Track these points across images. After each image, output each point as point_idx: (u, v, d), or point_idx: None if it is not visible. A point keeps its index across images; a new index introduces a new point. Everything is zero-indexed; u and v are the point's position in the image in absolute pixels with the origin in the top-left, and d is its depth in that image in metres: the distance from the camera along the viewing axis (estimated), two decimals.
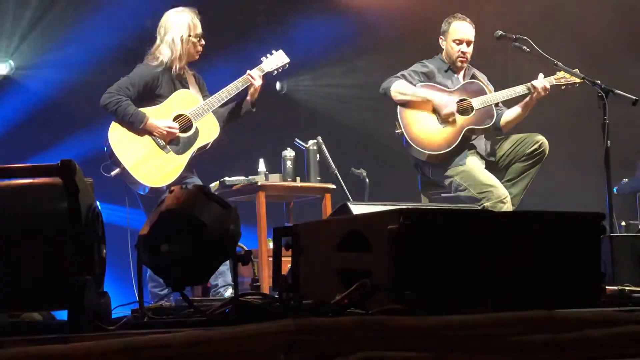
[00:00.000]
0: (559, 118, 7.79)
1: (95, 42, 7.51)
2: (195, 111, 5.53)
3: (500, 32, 5.93)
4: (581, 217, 3.14)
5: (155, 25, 5.69)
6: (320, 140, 6.23)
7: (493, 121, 5.85)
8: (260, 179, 5.97)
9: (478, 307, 2.73)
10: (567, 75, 5.81)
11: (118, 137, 5.41)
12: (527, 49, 5.81)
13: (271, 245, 3.43)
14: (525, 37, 5.85)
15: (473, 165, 5.71)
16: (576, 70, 5.80)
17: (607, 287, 3.28)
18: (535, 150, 5.78)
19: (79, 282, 2.68)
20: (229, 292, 5.15)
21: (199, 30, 5.60)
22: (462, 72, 5.97)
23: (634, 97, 5.42)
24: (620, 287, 3.55)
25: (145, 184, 5.38)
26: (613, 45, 7.78)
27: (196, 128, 5.52)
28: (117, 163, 5.39)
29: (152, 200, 5.23)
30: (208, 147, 5.59)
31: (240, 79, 5.71)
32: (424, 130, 5.76)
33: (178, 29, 5.54)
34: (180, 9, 5.65)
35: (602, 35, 7.64)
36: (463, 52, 5.86)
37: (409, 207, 2.96)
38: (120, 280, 5.48)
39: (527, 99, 5.82)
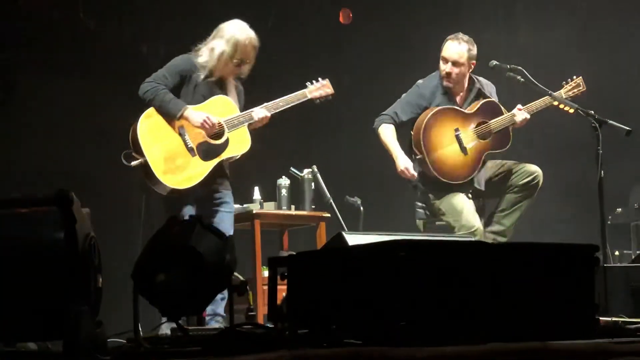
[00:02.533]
0: (553, 147, 7.83)
1: None
2: (231, 120, 5.35)
3: (494, 62, 5.91)
4: (575, 248, 3.15)
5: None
6: (316, 169, 6.25)
7: (510, 143, 5.81)
8: (255, 207, 5.98)
9: (472, 338, 2.75)
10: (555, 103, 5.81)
11: (148, 126, 5.20)
12: (522, 79, 5.81)
13: (266, 273, 3.44)
14: (519, 67, 5.86)
15: (456, 193, 5.71)
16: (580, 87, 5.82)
17: (600, 318, 3.29)
18: (530, 182, 5.75)
19: (75, 312, 2.69)
20: (215, 323, 5.03)
21: (244, 56, 5.38)
22: (461, 90, 5.87)
23: (627, 128, 5.44)
24: (614, 319, 3.56)
25: (163, 182, 5.15)
26: (610, 74, 7.82)
27: (227, 138, 5.34)
28: (140, 154, 5.15)
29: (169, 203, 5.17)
30: (234, 159, 5.42)
31: (291, 96, 5.62)
32: (448, 158, 5.67)
33: (222, 42, 5.36)
34: (244, 26, 5.46)
35: (598, 64, 7.69)
36: (447, 73, 5.79)
37: (404, 238, 2.97)
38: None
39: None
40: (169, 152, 5.20)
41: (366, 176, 7.38)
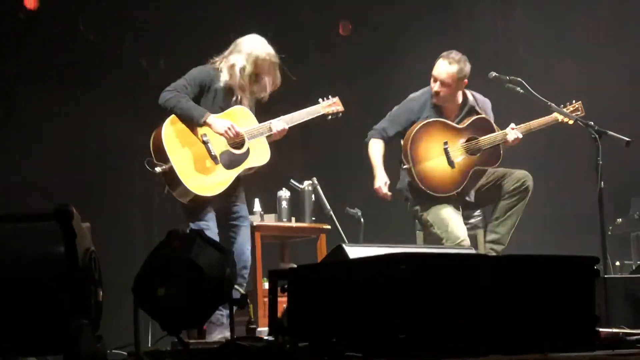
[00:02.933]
0: (552, 158, 7.83)
1: None
2: (251, 131, 5.33)
3: (494, 74, 5.91)
4: (575, 260, 3.16)
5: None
6: (316, 182, 6.25)
7: (499, 161, 5.81)
8: (255, 219, 5.98)
9: (473, 350, 2.75)
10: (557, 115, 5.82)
11: (171, 133, 5.16)
12: (521, 90, 5.81)
13: (266, 285, 3.44)
14: (519, 79, 5.86)
15: (443, 205, 5.71)
16: (578, 106, 5.83)
17: (601, 329, 3.29)
18: (519, 187, 5.75)
19: (75, 326, 2.69)
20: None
21: (261, 70, 5.36)
22: (452, 106, 5.83)
23: (627, 138, 5.45)
24: (614, 330, 3.56)
25: (188, 188, 5.09)
26: (610, 85, 7.83)
27: (248, 148, 5.31)
28: (164, 159, 5.09)
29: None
30: (254, 170, 5.39)
31: (306, 110, 5.62)
32: (434, 170, 5.68)
33: (241, 57, 5.33)
34: (262, 40, 5.44)
35: (599, 73, 7.70)
36: (436, 92, 5.76)
37: (405, 251, 2.98)
38: None
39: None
40: (193, 159, 5.17)
41: (366, 187, 7.37)
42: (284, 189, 6.16)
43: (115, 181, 5.37)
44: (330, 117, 5.80)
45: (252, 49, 5.37)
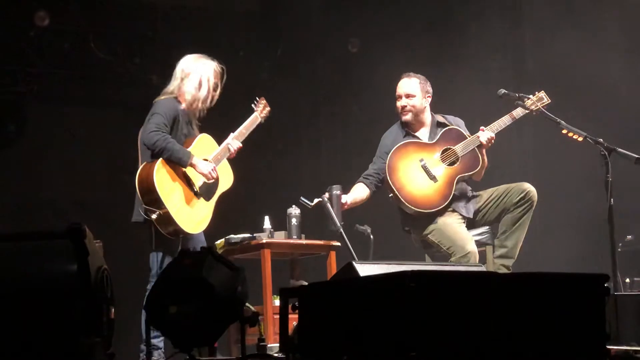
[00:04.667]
0: (563, 175, 7.83)
1: None
2: (216, 157, 5.45)
3: (503, 91, 5.92)
4: (585, 278, 3.16)
5: None
6: (326, 199, 6.26)
7: (480, 164, 5.83)
8: (265, 237, 6.00)
9: None
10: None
11: (162, 178, 5.23)
12: (528, 110, 5.82)
13: (277, 302, 3.45)
14: (528, 96, 5.87)
15: (444, 221, 5.71)
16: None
17: (611, 347, 3.29)
18: (522, 198, 5.74)
19: (87, 344, 2.71)
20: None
21: (216, 81, 5.49)
22: (424, 128, 5.91)
23: (636, 155, 5.45)
24: (625, 347, 3.56)
25: (185, 230, 5.22)
26: (619, 102, 7.84)
27: (217, 174, 5.43)
28: (158, 206, 5.16)
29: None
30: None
31: (249, 122, 5.67)
32: (418, 189, 5.74)
33: (197, 73, 5.45)
34: (204, 55, 5.56)
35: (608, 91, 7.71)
36: (402, 106, 5.86)
37: (414, 269, 2.99)
38: None
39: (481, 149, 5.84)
40: (184, 200, 5.30)
41: (376, 205, 7.39)
42: (293, 205, 6.17)
43: (127, 199, 5.39)
44: (263, 120, 5.83)
45: (202, 62, 5.50)
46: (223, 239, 5.95)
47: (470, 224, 5.85)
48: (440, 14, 8.26)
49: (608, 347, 3.16)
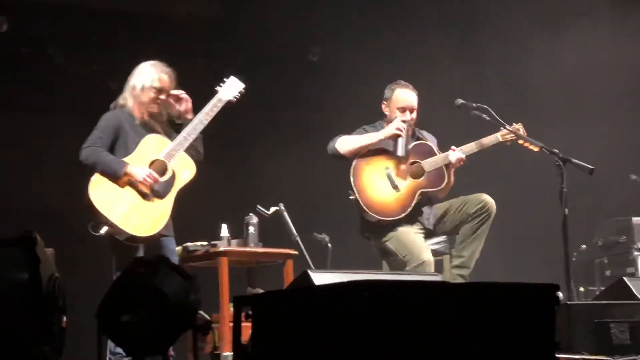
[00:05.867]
0: (517, 185, 7.90)
1: None
2: (168, 153, 5.41)
3: (460, 101, 5.97)
4: (536, 288, 3.19)
5: None
6: (282, 207, 6.27)
7: (445, 182, 5.87)
8: (222, 245, 5.98)
9: None
10: (513, 137, 5.88)
11: (99, 193, 5.24)
12: (487, 117, 5.87)
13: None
14: (485, 106, 5.91)
15: (402, 230, 5.75)
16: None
17: (563, 355, 3.32)
18: (481, 208, 5.79)
19: (38, 353, 2.68)
20: None
21: (161, 85, 5.47)
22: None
23: (591, 167, 5.51)
24: (576, 356, 3.60)
25: (138, 235, 5.20)
26: (572, 113, 7.93)
27: (172, 171, 5.39)
28: (103, 220, 5.17)
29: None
30: (187, 185, 5.44)
31: (206, 110, 5.54)
32: (379, 195, 5.78)
33: (140, 78, 5.49)
34: (152, 62, 5.59)
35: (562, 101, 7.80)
36: (406, 120, 5.85)
37: (368, 279, 3.00)
38: None
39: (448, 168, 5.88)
40: (130, 208, 5.26)
41: (335, 213, 7.41)
42: (250, 214, 6.17)
43: (80, 205, 5.37)
44: (234, 99, 5.71)
45: (146, 68, 5.52)
46: (181, 247, 5.93)
47: (429, 233, 5.89)
48: (402, 20, 8.30)
49: (558, 355, 3.18)
